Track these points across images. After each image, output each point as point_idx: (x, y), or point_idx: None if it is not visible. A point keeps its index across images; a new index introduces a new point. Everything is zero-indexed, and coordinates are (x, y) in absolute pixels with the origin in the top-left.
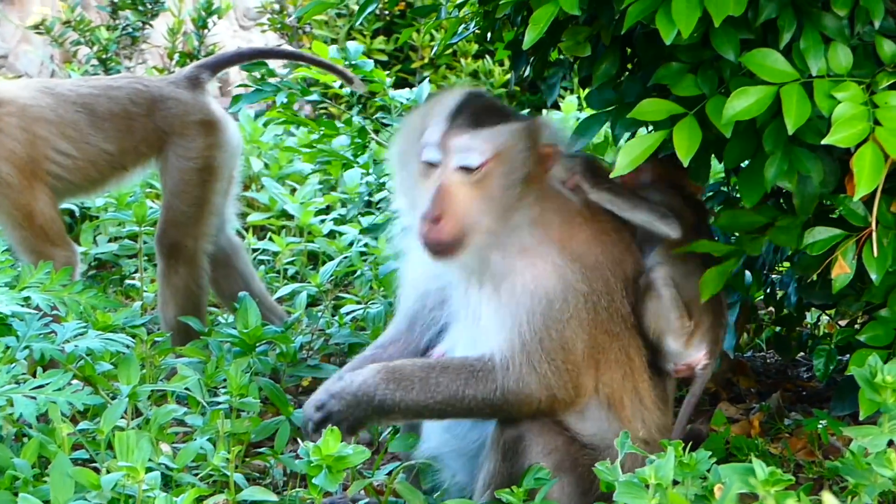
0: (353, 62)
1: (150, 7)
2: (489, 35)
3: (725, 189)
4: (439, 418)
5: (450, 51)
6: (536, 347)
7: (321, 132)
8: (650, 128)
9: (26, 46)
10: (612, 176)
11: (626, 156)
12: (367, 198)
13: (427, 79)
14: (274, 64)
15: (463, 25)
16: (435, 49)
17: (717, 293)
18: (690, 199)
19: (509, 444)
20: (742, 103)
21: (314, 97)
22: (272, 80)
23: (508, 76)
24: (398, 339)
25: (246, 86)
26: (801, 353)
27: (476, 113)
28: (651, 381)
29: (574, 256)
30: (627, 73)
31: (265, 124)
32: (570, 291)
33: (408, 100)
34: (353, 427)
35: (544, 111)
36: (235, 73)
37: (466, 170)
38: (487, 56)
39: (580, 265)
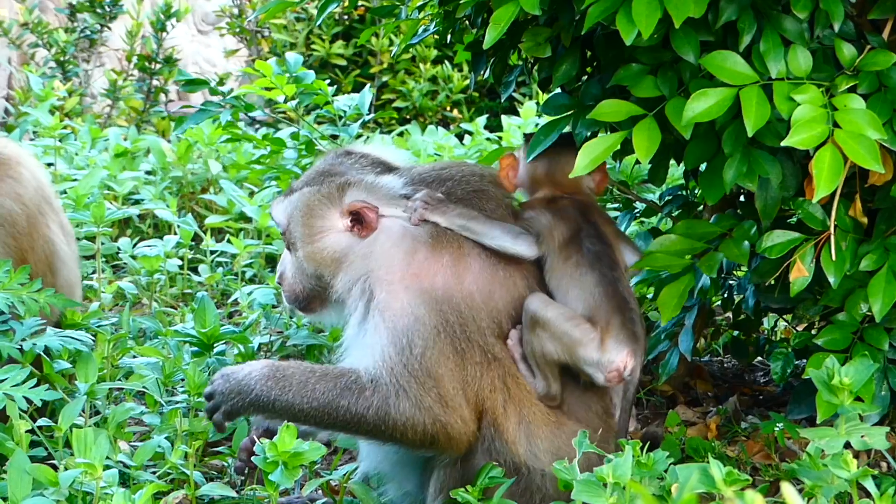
0: (294, 74)
1: (108, 10)
2: (449, 37)
3: (684, 193)
4: (318, 426)
5: (408, 56)
6: (402, 371)
7: (268, 149)
8: (609, 130)
9: None
10: (570, 175)
11: (586, 156)
12: None
13: (368, 86)
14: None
15: (423, 28)
16: (395, 51)
17: (609, 287)
18: (571, 210)
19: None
20: (702, 105)
21: (258, 114)
22: (215, 99)
23: (467, 81)
24: None
25: (189, 106)
26: (759, 358)
27: (296, 179)
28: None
29: (422, 292)
30: (586, 75)
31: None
32: (420, 325)
33: (349, 108)
34: (229, 414)
35: (503, 116)
36: None
37: (283, 236)
38: (446, 62)
39: (429, 299)
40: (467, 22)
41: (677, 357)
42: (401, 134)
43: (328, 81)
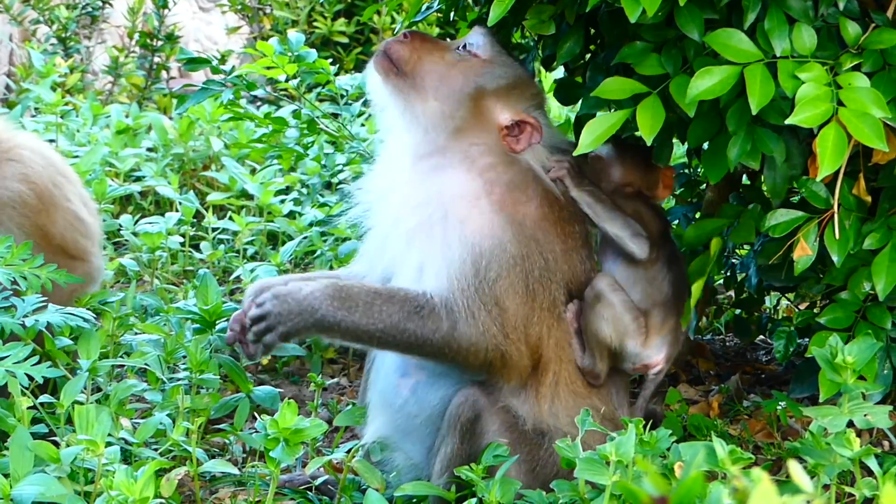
0: (296, 52)
1: None
2: (452, 14)
3: (687, 171)
4: (379, 347)
5: (404, 29)
6: (473, 296)
7: (270, 128)
8: (613, 108)
9: None
10: (574, 153)
11: (590, 134)
12: (328, 179)
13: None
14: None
15: (426, 5)
16: (397, 29)
17: (679, 289)
18: (655, 208)
19: (467, 426)
20: (706, 83)
21: (260, 92)
22: (217, 78)
23: None
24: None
25: (190, 85)
26: (761, 337)
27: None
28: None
29: (512, 220)
30: (590, 53)
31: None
32: (500, 250)
33: (352, 87)
34: (288, 334)
35: None
36: None
37: (466, 49)
38: (449, 39)
39: (516, 231)
40: (471, 0)
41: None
42: None
43: (330, 59)
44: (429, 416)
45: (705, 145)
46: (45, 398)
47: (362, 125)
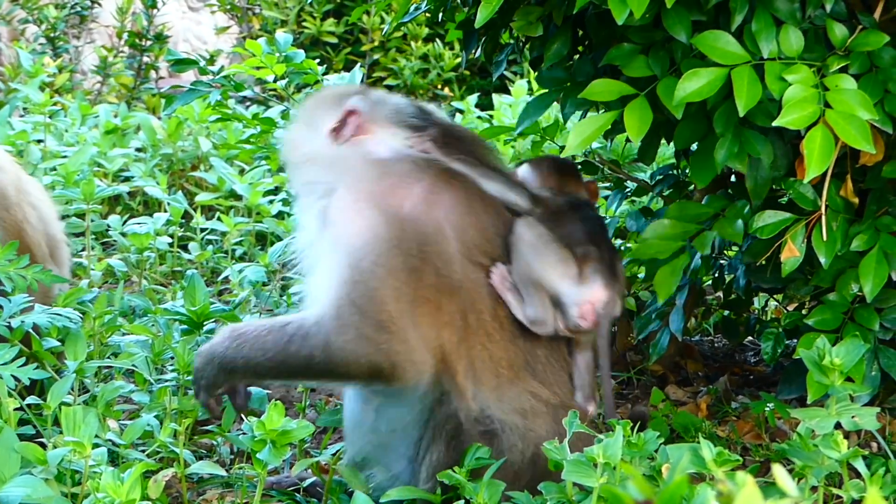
0: (284, 53)
1: None
2: (440, 15)
3: (675, 172)
4: (280, 378)
5: (400, 34)
6: (345, 302)
7: (258, 128)
8: (601, 109)
9: None
10: (563, 154)
11: (577, 136)
12: None
13: (359, 64)
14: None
15: (414, 6)
16: (386, 30)
17: (597, 235)
18: (584, 208)
19: (451, 433)
20: (693, 85)
21: (248, 92)
22: (205, 79)
23: (459, 60)
24: None
25: (179, 86)
26: (749, 338)
27: None
28: (513, 346)
29: (387, 210)
30: (578, 54)
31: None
32: (376, 241)
33: None
34: (208, 388)
35: (493, 94)
36: None
37: None
38: (438, 40)
39: (391, 218)
40: (458, 0)
41: (668, 337)
42: None
43: (319, 59)
44: (403, 427)
45: (693, 146)
46: (31, 399)
47: None
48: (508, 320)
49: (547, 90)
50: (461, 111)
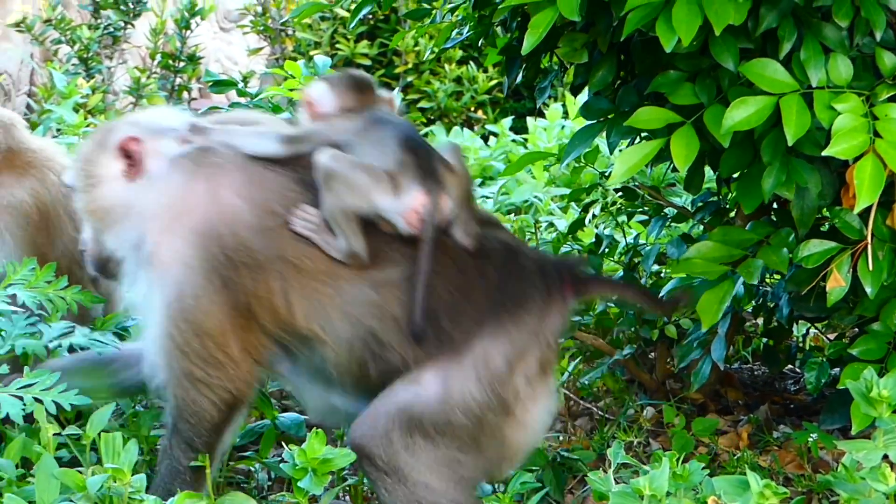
0: (321, 75)
1: (132, 7)
2: (481, 41)
3: (716, 199)
4: None
5: (433, 56)
6: (166, 342)
7: None
8: (644, 135)
9: (6, 44)
10: (609, 184)
11: (623, 164)
12: None
13: (404, 86)
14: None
15: (456, 31)
16: (427, 56)
17: (410, 142)
18: (388, 121)
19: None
20: (741, 113)
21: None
22: (243, 101)
23: (493, 82)
24: None
25: (216, 108)
26: (789, 366)
27: None
28: None
29: (186, 232)
30: (621, 80)
31: None
32: (189, 272)
33: None
34: None
35: (528, 119)
36: None
37: None
38: (471, 62)
39: (192, 235)
40: (500, 28)
41: (710, 366)
42: (425, 135)
43: None
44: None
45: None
46: (71, 430)
47: None
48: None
49: (593, 121)
50: (495, 134)
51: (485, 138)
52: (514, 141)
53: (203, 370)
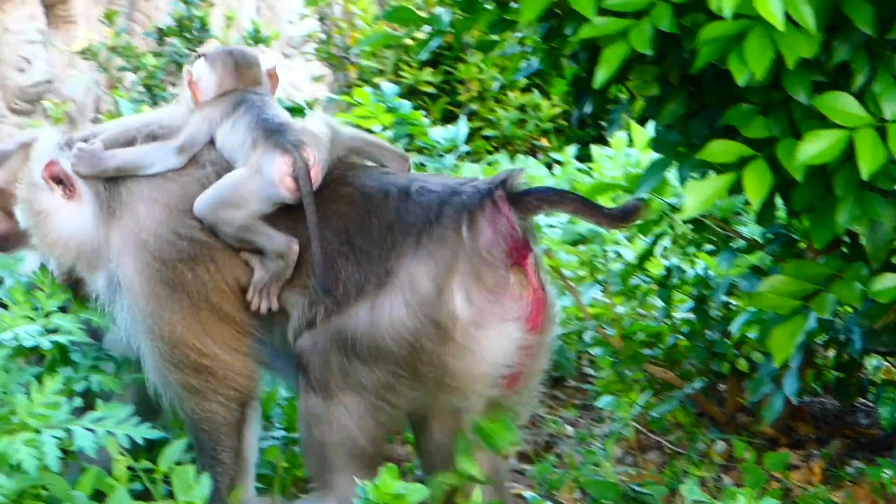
0: (389, 104)
1: (196, 34)
2: (552, 72)
3: (787, 231)
4: None
5: (502, 86)
6: (158, 358)
7: None
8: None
9: (72, 71)
10: (681, 217)
11: (695, 198)
12: None
13: (468, 114)
14: None
15: (525, 62)
16: (496, 86)
17: (261, 121)
18: (245, 101)
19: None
20: (815, 147)
21: None
22: None
23: (557, 110)
24: None
25: None
26: (860, 399)
27: None
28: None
29: (141, 253)
30: (690, 112)
31: None
32: (153, 286)
33: (445, 140)
34: None
35: (593, 147)
36: None
37: None
38: (535, 89)
39: (141, 255)
40: (570, 60)
41: (782, 400)
42: (490, 164)
43: (417, 108)
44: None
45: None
46: (143, 465)
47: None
48: None
49: (663, 154)
50: (559, 162)
51: (549, 166)
52: (579, 169)
53: (197, 378)
